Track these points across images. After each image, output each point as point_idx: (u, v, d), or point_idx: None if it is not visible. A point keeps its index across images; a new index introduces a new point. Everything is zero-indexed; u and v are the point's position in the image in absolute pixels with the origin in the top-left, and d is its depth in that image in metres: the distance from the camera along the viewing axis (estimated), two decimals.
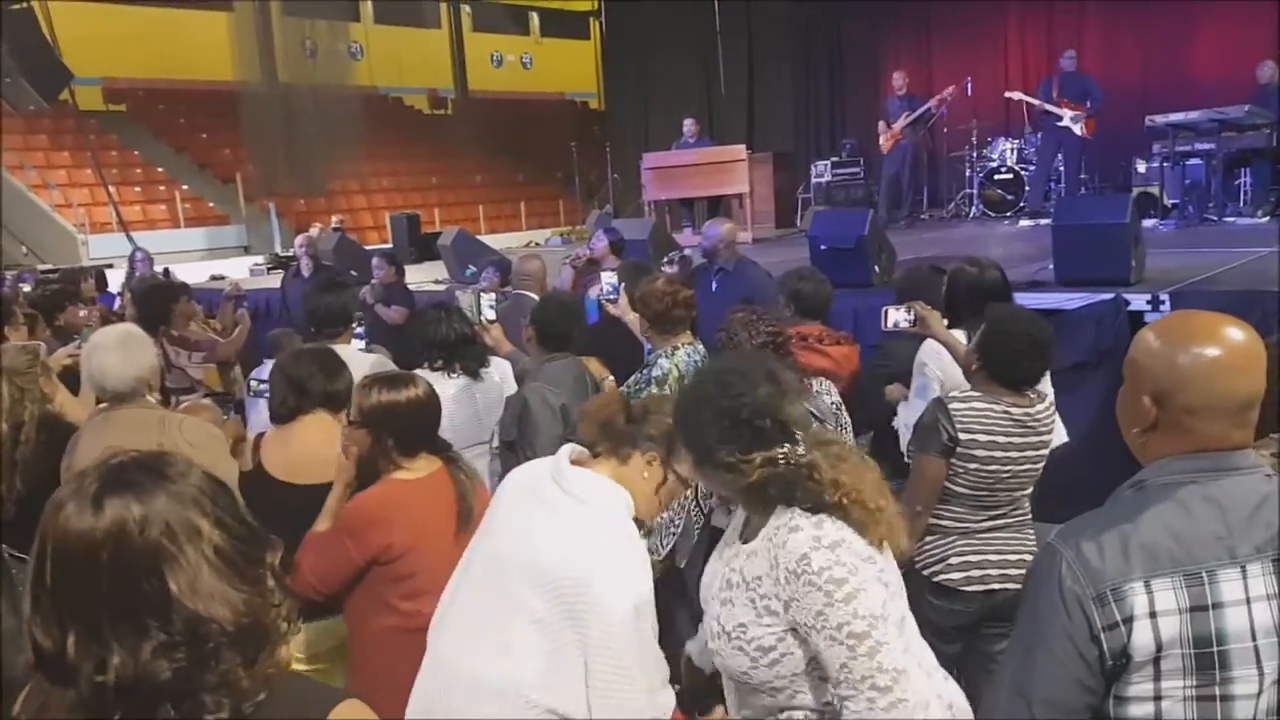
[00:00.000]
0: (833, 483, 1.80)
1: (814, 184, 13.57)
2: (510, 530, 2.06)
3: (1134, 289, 5.36)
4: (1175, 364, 1.50)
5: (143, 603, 1.18)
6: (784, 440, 1.83)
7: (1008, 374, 2.92)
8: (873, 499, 1.82)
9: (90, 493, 1.21)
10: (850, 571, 1.74)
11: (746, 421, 1.82)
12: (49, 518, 1.22)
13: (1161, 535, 1.47)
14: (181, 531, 1.21)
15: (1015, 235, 9.65)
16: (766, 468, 1.81)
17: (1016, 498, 2.98)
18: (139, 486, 1.22)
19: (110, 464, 1.26)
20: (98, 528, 1.19)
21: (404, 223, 13.93)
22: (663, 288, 3.68)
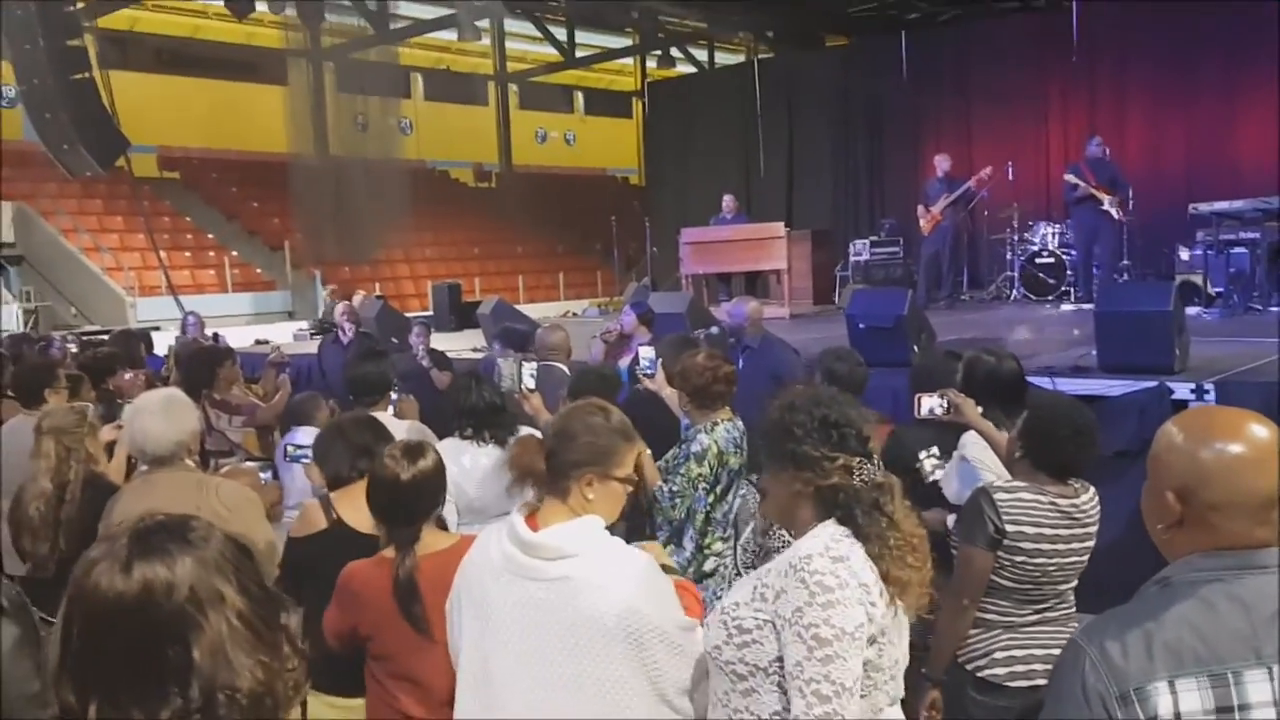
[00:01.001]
0: (891, 520, 1.90)
1: (852, 262, 13.61)
2: (525, 623, 2.05)
3: (1178, 377, 5.29)
4: (1198, 460, 1.49)
5: (166, 668, 1.18)
6: (865, 455, 1.96)
7: (1053, 463, 2.86)
8: (912, 554, 1.90)
9: (120, 556, 1.21)
10: (840, 584, 1.81)
11: (836, 425, 1.96)
12: (78, 579, 1.22)
13: (1186, 634, 1.44)
14: (207, 597, 1.21)
15: (1057, 319, 9.58)
16: (842, 474, 1.93)
17: (1061, 591, 2.90)
18: (166, 551, 1.22)
19: (139, 528, 1.26)
20: (127, 592, 1.19)
21: (445, 291, 14.11)
22: (704, 363, 3.67)
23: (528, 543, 2.06)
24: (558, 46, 22.02)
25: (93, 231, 17.80)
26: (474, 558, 2.18)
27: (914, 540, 1.92)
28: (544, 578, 2.04)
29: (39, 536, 3.16)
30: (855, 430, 1.97)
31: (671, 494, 3.61)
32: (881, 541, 1.88)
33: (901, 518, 1.93)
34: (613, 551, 2.10)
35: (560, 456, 2.15)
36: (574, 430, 2.17)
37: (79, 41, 13.16)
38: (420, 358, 7.17)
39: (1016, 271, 11.77)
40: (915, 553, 1.91)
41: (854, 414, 2.00)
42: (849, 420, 1.97)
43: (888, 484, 1.96)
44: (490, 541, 2.17)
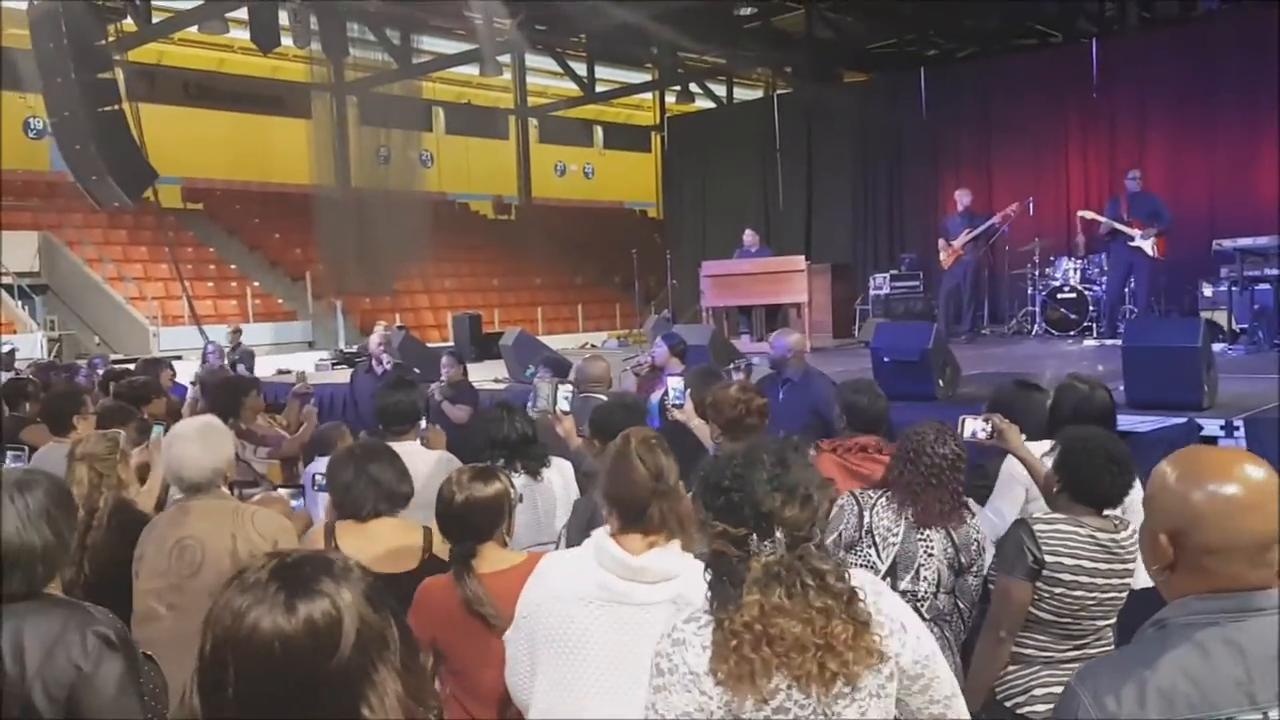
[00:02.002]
0: (739, 606, 1.72)
1: (872, 296, 13.61)
2: (619, 648, 2.07)
3: (1207, 414, 5.25)
4: (1190, 502, 1.46)
5: (330, 713, 1.13)
6: (754, 526, 1.76)
7: (1090, 494, 2.85)
8: (773, 651, 1.71)
9: (279, 593, 1.15)
10: (670, 670, 1.77)
11: (724, 489, 1.79)
12: (231, 619, 1.16)
13: (1180, 680, 1.41)
14: (373, 638, 1.17)
15: (1079, 355, 9.54)
16: (722, 542, 1.77)
17: (1100, 628, 2.87)
18: (328, 586, 1.17)
19: (288, 562, 1.21)
20: (295, 630, 1.13)
21: (466, 322, 14.17)
22: (736, 394, 3.67)
23: (633, 567, 2.06)
24: (578, 81, 22.23)
25: (117, 261, 18.00)
26: (551, 590, 2.18)
27: (768, 629, 1.71)
28: (642, 601, 2.04)
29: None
30: (745, 496, 1.78)
31: None
32: (721, 630, 1.74)
33: (754, 600, 1.72)
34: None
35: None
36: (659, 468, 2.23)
37: (109, 74, 13.35)
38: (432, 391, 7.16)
39: (1038, 306, 11.75)
40: (760, 644, 1.70)
41: (758, 476, 1.78)
42: (742, 485, 1.78)
43: (759, 565, 1.76)
44: (576, 570, 2.17)
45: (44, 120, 16.08)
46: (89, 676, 1.95)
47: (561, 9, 15.81)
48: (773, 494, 1.76)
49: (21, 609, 2.01)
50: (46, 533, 2.07)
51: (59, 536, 2.10)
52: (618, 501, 2.24)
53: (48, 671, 1.94)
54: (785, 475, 1.78)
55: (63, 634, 1.97)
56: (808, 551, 1.77)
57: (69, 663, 1.95)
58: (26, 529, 2.05)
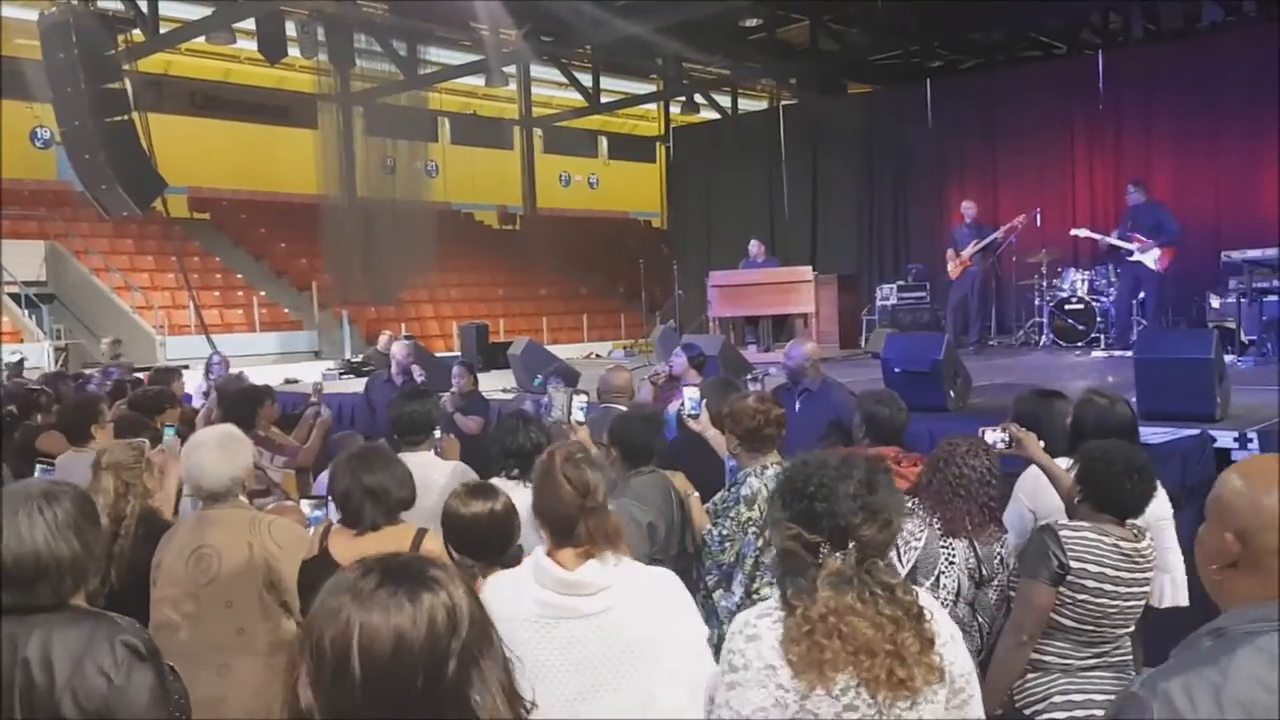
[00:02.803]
0: (814, 598, 1.79)
1: (879, 306, 13.61)
2: (570, 663, 2.09)
3: (1220, 425, 5.24)
4: (1261, 504, 1.53)
5: (447, 705, 1.18)
6: (828, 537, 1.84)
7: (1113, 502, 2.87)
8: (843, 646, 1.77)
9: (398, 589, 1.20)
10: (744, 666, 1.82)
11: (807, 496, 1.87)
12: (350, 616, 1.19)
13: (1255, 689, 1.42)
14: (480, 631, 1.23)
15: (1088, 366, 9.53)
16: (794, 543, 1.86)
17: (1119, 636, 2.88)
18: (440, 581, 1.23)
19: (396, 562, 1.25)
20: (416, 623, 1.18)
21: (473, 332, 14.17)
22: (754, 405, 3.67)
23: (568, 582, 2.11)
24: (583, 92, 22.27)
25: (124, 270, 18.03)
26: (494, 614, 2.17)
27: (840, 624, 1.78)
28: (584, 614, 2.09)
29: None
30: (827, 505, 1.84)
31: (721, 538, 3.60)
32: (794, 617, 1.81)
33: (828, 596, 1.80)
34: (641, 575, 2.19)
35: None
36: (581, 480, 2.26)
37: (119, 84, 13.39)
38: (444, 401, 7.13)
39: (1045, 318, 11.74)
40: (833, 636, 1.78)
41: (843, 489, 1.85)
42: (826, 495, 1.85)
43: (830, 568, 1.83)
44: (517, 591, 2.18)
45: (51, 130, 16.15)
46: (121, 689, 1.95)
47: (567, 20, 15.85)
48: (856, 512, 1.83)
49: (49, 619, 2.01)
50: (75, 543, 2.07)
51: (86, 547, 2.11)
52: (546, 518, 2.26)
53: (78, 682, 1.94)
54: (871, 497, 1.85)
55: (90, 645, 1.97)
56: (875, 566, 1.84)
57: (99, 674, 1.95)
58: (55, 540, 2.05)
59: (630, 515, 3.56)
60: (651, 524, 3.57)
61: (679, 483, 3.92)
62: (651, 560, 3.55)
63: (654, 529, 3.56)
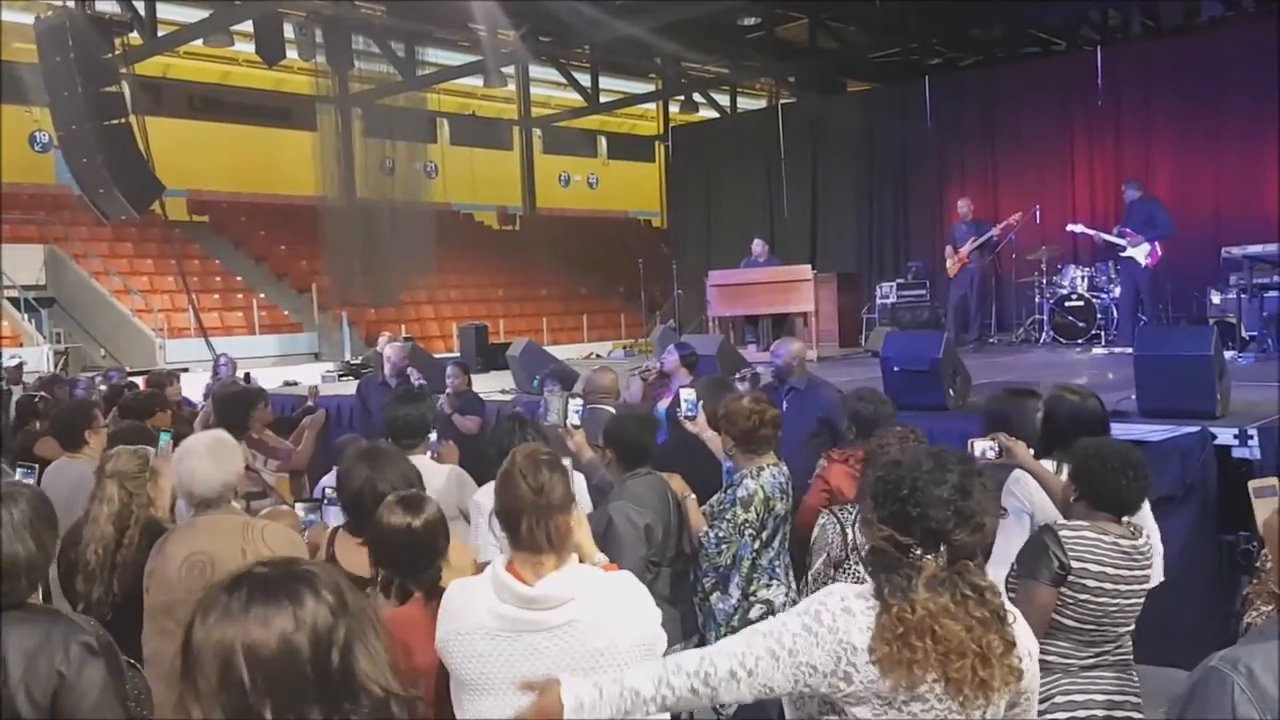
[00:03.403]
0: (912, 600, 1.81)
1: (879, 305, 13.59)
2: (532, 674, 2.04)
3: (1220, 422, 5.21)
4: None
5: (337, 685, 1.26)
6: (920, 540, 1.86)
7: (1109, 499, 2.85)
8: (919, 636, 1.79)
9: (273, 596, 1.28)
10: (830, 630, 1.84)
11: (900, 499, 1.88)
12: (233, 629, 1.25)
13: None
14: (359, 623, 1.30)
15: (1089, 363, 9.51)
16: (886, 544, 1.88)
17: (1120, 635, 2.87)
18: (311, 581, 1.30)
19: (258, 573, 1.32)
20: (288, 630, 1.25)
21: (472, 333, 14.15)
22: (749, 406, 3.64)
23: (530, 598, 2.08)
24: (581, 92, 22.25)
25: (123, 274, 18.02)
26: (456, 627, 2.15)
27: (935, 624, 1.80)
28: (547, 627, 2.07)
29: (95, 580, 3.15)
30: (921, 510, 1.86)
31: (718, 540, 3.58)
32: (889, 615, 1.82)
33: (925, 598, 1.82)
34: (602, 582, 2.21)
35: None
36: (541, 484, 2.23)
37: (116, 88, 13.38)
38: (441, 403, 7.14)
39: (1045, 315, 11.72)
40: (925, 636, 1.80)
41: (936, 494, 1.86)
42: (920, 500, 1.86)
43: (925, 569, 1.85)
44: (478, 603, 2.15)
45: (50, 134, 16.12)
46: (72, 683, 1.99)
47: (565, 20, 15.83)
48: (949, 517, 1.85)
49: (6, 618, 2.05)
50: (30, 544, 2.13)
51: (42, 548, 2.17)
52: (503, 518, 2.24)
53: (31, 679, 1.99)
54: (965, 501, 1.86)
55: (46, 642, 2.02)
56: (966, 568, 1.86)
57: (51, 669, 2.00)
58: (12, 541, 2.10)
59: (627, 518, 3.54)
60: (648, 526, 3.55)
61: (676, 484, 3.90)
62: (649, 563, 3.54)
63: (651, 531, 3.54)
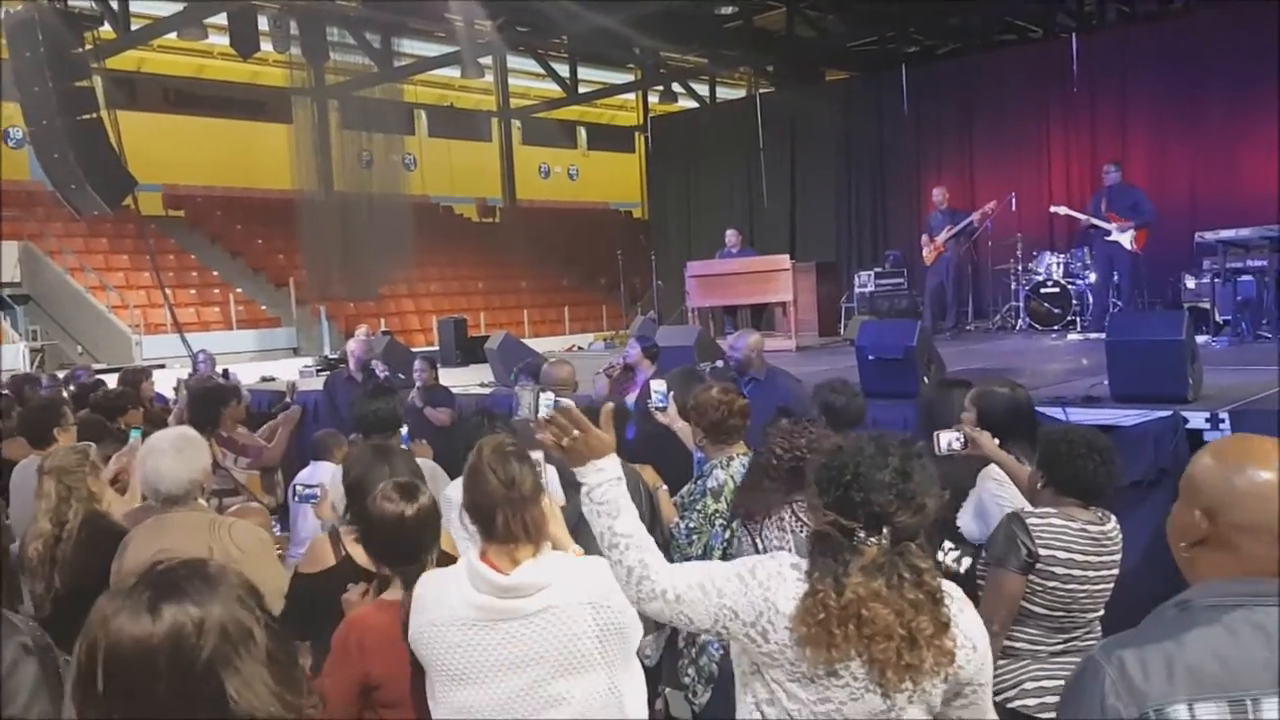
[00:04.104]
0: (840, 586, 1.84)
1: (857, 294, 13.61)
2: (510, 662, 2.09)
3: (1192, 407, 5.23)
4: (1230, 482, 1.53)
5: (199, 706, 1.20)
6: (864, 524, 1.88)
7: (1077, 485, 2.86)
8: (840, 624, 1.82)
9: (144, 599, 1.22)
10: (762, 584, 1.91)
11: (844, 484, 1.91)
12: (98, 624, 1.23)
13: (1207, 659, 1.44)
14: (236, 635, 1.23)
15: (1065, 349, 9.56)
16: (830, 528, 1.91)
17: (1089, 620, 2.88)
18: (193, 590, 1.24)
19: (158, 570, 1.28)
20: (155, 633, 1.20)
21: (451, 326, 14.11)
22: (718, 397, 3.64)
23: (506, 586, 2.09)
24: (560, 83, 22.19)
25: (99, 270, 17.86)
26: (431, 618, 2.14)
27: (861, 609, 1.83)
28: (524, 614, 2.08)
29: (37, 576, 3.14)
30: (865, 496, 1.88)
31: (689, 531, 3.57)
32: (814, 597, 1.85)
33: (858, 583, 1.84)
34: (576, 567, 2.23)
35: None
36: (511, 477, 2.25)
37: (87, 82, 13.24)
38: (413, 396, 7.15)
39: (1021, 302, 11.77)
40: (849, 622, 1.82)
41: (878, 478, 1.88)
42: (863, 485, 1.88)
43: (866, 553, 1.87)
44: (453, 594, 2.15)
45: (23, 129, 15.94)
46: (4, 680, 1.96)
47: (542, 11, 15.76)
48: (891, 500, 1.88)
49: None
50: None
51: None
52: (473, 513, 2.24)
53: None
54: (906, 484, 1.89)
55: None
56: (908, 549, 1.89)
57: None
58: None
59: None
60: None
61: (648, 476, 3.90)
62: None
63: None
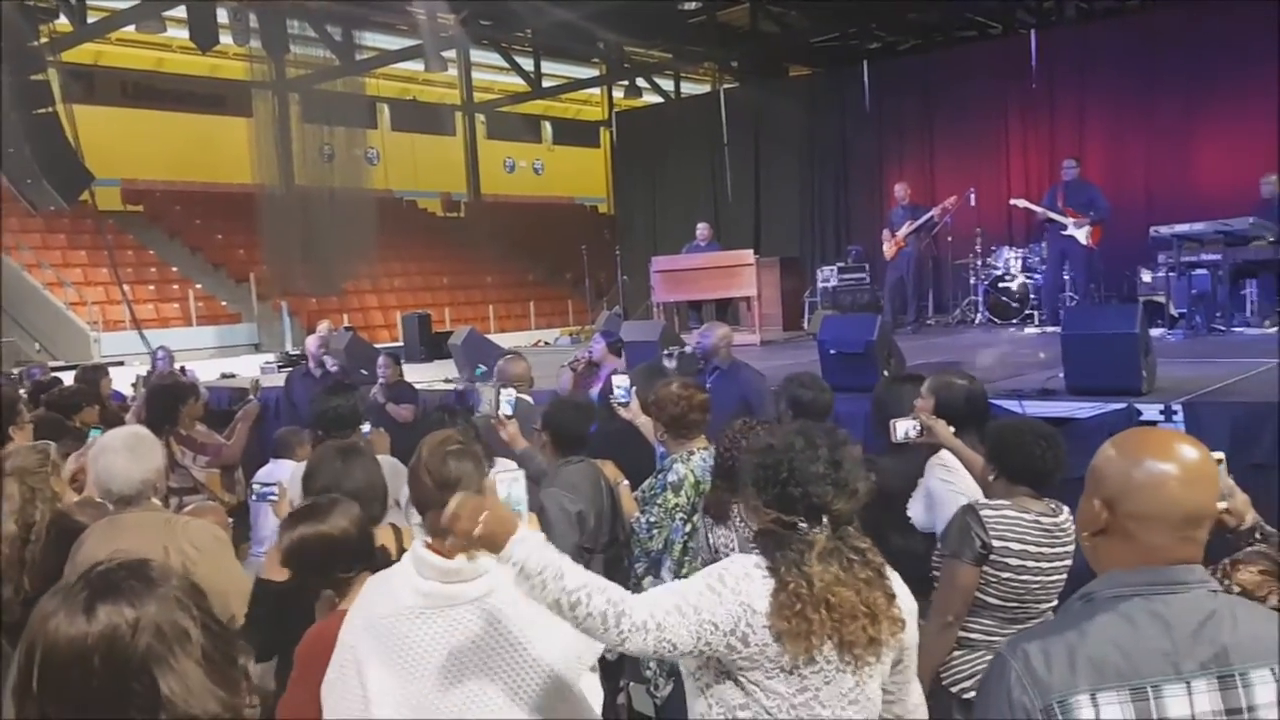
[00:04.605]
0: (807, 574, 1.92)
1: (820, 288, 13.70)
2: (455, 648, 2.08)
3: (1146, 399, 5.32)
4: (1127, 473, 1.57)
5: (133, 705, 1.21)
6: (805, 516, 1.97)
7: (1026, 471, 2.91)
8: (814, 609, 1.90)
9: (80, 599, 1.23)
10: (733, 591, 1.93)
11: (781, 481, 1.98)
12: (37, 625, 1.24)
13: (1108, 649, 1.49)
14: (173, 635, 1.24)
15: (1022, 342, 9.67)
16: (773, 525, 1.98)
17: (1043, 610, 2.92)
18: (129, 591, 1.25)
19: (97, 571, 1.28)
20: (90, 633, 1.21)
21: (415, 322, 14.03)
22: (678, 391, 3.66)
23: (450, 570, 2.10)
24: (524, 77, 22.10)
25: (56, 266, 17.57)
26: (378, 612, 2.14)
27: (828, 594, 1.92)
28: (468, 599, 2.10)
29: (6, 579, 3.08)
30: (803, 489, 1.97)
31: (649, 525, 3.59)
32: (786, 591, 1.92)
33: (819, 571, 1.93)
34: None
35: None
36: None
37: (43, 76, 13.03)
38: (375, 392, 7.11)
39: (980, 296, 11.90)
40: (821, 607, 1.91)
41: (812, 470, 1.97)
42: (800, 478, 1.97)
43: (815, 543, 1.96)
44: (398, 587, 2.15)
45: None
46: None
47: (506, 5, 15.69)
48: (828, 489, 1.97)
49: None
50: None
51: None
52: (417, 508, 2.26)
53: None
54: (838, 473, 1.99)
55: None
56: (847, 533, 1.99)
57: None
58: None
59: (560, 505, 3.55)
60: (581, 513, 3.56)
61: (609, 471, 3.92)
62: (580, 550, 3.54)
63: (583, 518, 3.56)
